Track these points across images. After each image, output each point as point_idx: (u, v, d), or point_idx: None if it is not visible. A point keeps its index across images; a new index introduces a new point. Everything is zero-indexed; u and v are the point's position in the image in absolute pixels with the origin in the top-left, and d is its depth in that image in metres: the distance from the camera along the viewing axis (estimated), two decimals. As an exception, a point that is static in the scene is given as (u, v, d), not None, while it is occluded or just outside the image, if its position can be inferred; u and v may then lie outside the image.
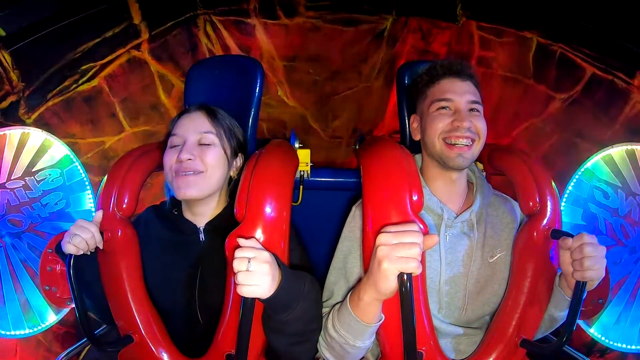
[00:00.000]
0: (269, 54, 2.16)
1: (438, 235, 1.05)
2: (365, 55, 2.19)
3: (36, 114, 1.90)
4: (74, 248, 0.93)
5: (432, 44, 2.16)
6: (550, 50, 1.98)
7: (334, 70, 2.22)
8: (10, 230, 1.66)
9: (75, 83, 1.95)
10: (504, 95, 2.12)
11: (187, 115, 1.07)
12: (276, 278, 0.80)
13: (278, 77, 2.22)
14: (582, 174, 1.70)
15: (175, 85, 2.11)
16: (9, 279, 1.65)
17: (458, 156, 1.02)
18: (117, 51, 1.99)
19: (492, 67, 2.11)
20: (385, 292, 0.79)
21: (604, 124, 1.91)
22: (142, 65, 2.05)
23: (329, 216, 1.33)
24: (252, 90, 1.25)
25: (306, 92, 2.25)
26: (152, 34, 2.02)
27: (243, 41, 2.13)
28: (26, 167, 1.66)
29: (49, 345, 1.88)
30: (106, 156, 2.06)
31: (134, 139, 2.10)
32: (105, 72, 1.99)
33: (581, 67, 1.93)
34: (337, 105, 2.29)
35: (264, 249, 0.81)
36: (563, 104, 2.00)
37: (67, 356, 1.22)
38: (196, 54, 2.11)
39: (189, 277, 1.04)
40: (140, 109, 2.10)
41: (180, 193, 1.00)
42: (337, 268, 1.07)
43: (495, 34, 2.08)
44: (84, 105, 1.99)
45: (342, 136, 2.35)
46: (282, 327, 0.88)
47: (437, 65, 1.08)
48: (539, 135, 2.07)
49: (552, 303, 1.01)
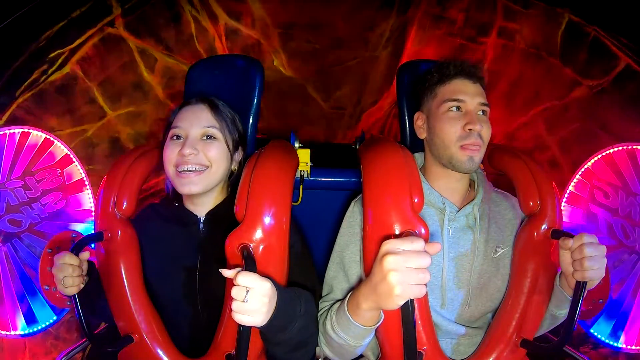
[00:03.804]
0: (262, 21, 1.98)
1: (441, 229, 1.05)
2: (373, 22, 2.00)
3: (7, 114, 1.74)
4: (73, 289, 0.91)
5: (449, 9, 1.97)
6: (582, 31, 1.80)
7: (337, 38, 2.03)
8: (10, 230, 1.66)
9: (44, 74, 1.77)
10: (525, 71, 1.94)
11: (189, 107, 1.06)
12: (272, 306, 0.78)
13: (273, 45, 2.03)
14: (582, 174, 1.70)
15: (159, 59, 1.94)
16: (8, 279, 1.65)
17: (469, 160, 1.02)
18: (88, 32, 1.79)
19: (515, 39, 1.93)
20: (388, 309, 0.78)
21: (631, 120, 1.77)
22: (118, 42, 1.86)
23: (329, 216, 1.33)
24: (252, 89, 1.25)
25: (305, 61, 2.08)
26: (125, 8, 1.83)
27: (233, 7, 1.96)
28: (26, 167, 1.66)
29: (56, 333, 1.83)
30: (91, 144, 1.92)
31: (118, 122, 1.96)
32: (76, 56, 1.80)
33: (616, 56, 1.76)
34: (340, 75, 2.12)
35: (265, 278, 0.76)
36: (590, 91, 1.85)
37: (67, 356, 1.23)
38: (179, 25, 1.92)
39: (188, 270, 1.03)
40: (122, 90, 1.94)
41: (185, 189, 1.00)
42: (336, 262, 1.08)
43: (522, 4, 1.89)
44: (57, 95, 1.82)
45: (345, 107, 2.20)
46: (279, 342, 0.88)
47: (450, 64, 1.07)
48: (559, 119, 1.93)
49: (553, 302, 1.01)
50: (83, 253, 0.95)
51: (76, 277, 0.92)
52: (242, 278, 0.74)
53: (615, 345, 1.64)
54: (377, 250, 0.75)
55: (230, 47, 2.06)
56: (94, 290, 1.01)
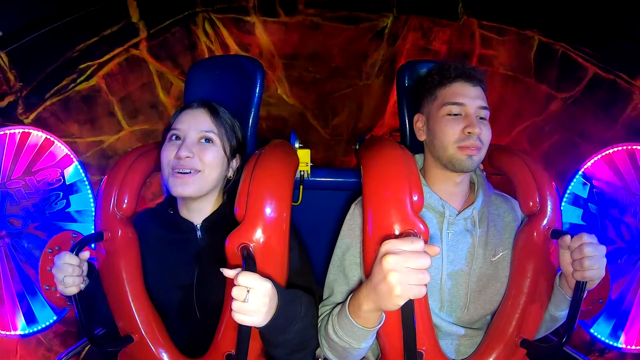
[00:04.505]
0: (269, 51, 2.15)
1: (440, 232, 1.05)
2: (366, 53, 2.17)
3: (34, 114, 1.87)
4: (73, 289, 0.91)
5: (433, 42, 2.15)
6: (551, 49, 1.96)
7: (334, 68, 2.20)
8: (10, 230, 1.66)
9: (73, 82, 1.93)
10: (505, 93, 2.11)
11: (189, 111, 1.06)
12: (273, 306, 0.78)
13: (277, 74, 2.21)
14: (582, 174, 1.70)
15: (174, 83, 2.10)
16: (8, 279, 1.65)
17: (468, 158, 1.02)
18: (115, 50, 1.97)
19: (493, 65, 2.10)
20: (388, 310, 0.78)
21: (605, 124, 1.89)
22: (140, 63, 2.03)
23: (329, 216, 1.33)
24: (252, 90, 1.25)
25: (306, 89, 2.24)
26: (150, 32, 2.00)
27: (242, 39, 2.12)
28: (26, 167, 1.66)
29: (48, 345, 1.88)
30: (105, 155, 2.04)
31: (133, 137, 2.09)
32: (103, 70, 1.97)
33: (583, 67, 1.91)
34: (337, 103, 2.28)
35: (266, 279, 0.77)
36: (564, 103, 1.98)
37: (67, 356, 1.22)
38: (195, 52, 2.09)
39: (187, 275, 1.03)
40: (139, 108, 2.09)
41: (177, 190, 0.99)
42: (336, 265, 1.08)
43: (496, 32, 2.06)
44: (82, 104, 1.97)
45: (342, 134, 2.35)
46: (279, 344, 0.88)
47: (451, 67, 1.07)
48: (540, 134, 2.05)
49: (552, 303, 1.01)
50: (83, 253, 0.95)
51: (76, 277, 0.91)
52: (243, 278, 0.74)
53: (615, 345, 1.64)
54: (377, 250, 0.75)
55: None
56: (94, 290, 1.01)
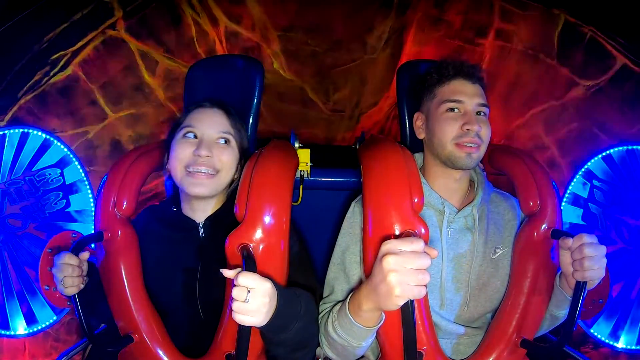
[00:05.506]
0: (262, 23, 1.96)
1: (440, 230, 1.05)
2: (371, 24, 1.99)
3: (9, 115, 1.75)
4: (73, 289, 0.91)
5: (447, 12, 1.97)
6: (579, 31, 1.80)
7: (336, 41, 2.03)
8: (10, 230, 1.66)
9: (46, 75, 1.77)
10: (522, 72, 1.95)
11: (204, 110, 1.06)
12: (273, 305, 0.79)
13: (273, 48, 2.02)
14: (582, 174, 1.70)
15: (160, 62, 1.94)
16: (8, 279, 1.65)
17: (467, 156, 1.02)
18: (89, 34, 1.79)
19: (512, 41, 1.93)
20: (388, 310, 0.79)
21: (628, 119, 1.77)
22: (119, 45, 1.87)
23: (329, 216, 1.33)
24: (252, 90, 1.25)
25: (304, 64, 2.07)
26: (126, 10, 1.82)
27: (233, 10, 1.94)
28: (26, 167, 1.66)
29: (55, 335, 1.82)
30: (92, 146, 1.93)
31: (119, 124, 1.96)
32: (78, 58, 1.81)
33: (612, 55, 1.76)
34: (339, 77, 2.11)
35: (266, 279, 0.77)
36: (587, 91, 1.85)
37: (67, 356, 1.22)
38: (180, 27, 1.92)
39: (189, 273, 1.03)
40: (123, 92, 1.94)
41: (193, 190, 0.99)
42: (336, 263, 1.08)
43: (519, 6, 1.89)
44: (59, 97, 1.82)
45: (344, 109, 2.20)
46: (279, 342, 0.88)
47: (449, 65, 1.08)
48: (557, 119, 1.93)
49: (553, 303, 1.01)
50: (83, 253, 0.96)
51: (76, 277, 0.92)
52: (243, 278, 0.74)
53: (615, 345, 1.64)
54: (377, 250, 0.75)
55: (230, 50, 2.08)
56: (93, 290, 1.01)
